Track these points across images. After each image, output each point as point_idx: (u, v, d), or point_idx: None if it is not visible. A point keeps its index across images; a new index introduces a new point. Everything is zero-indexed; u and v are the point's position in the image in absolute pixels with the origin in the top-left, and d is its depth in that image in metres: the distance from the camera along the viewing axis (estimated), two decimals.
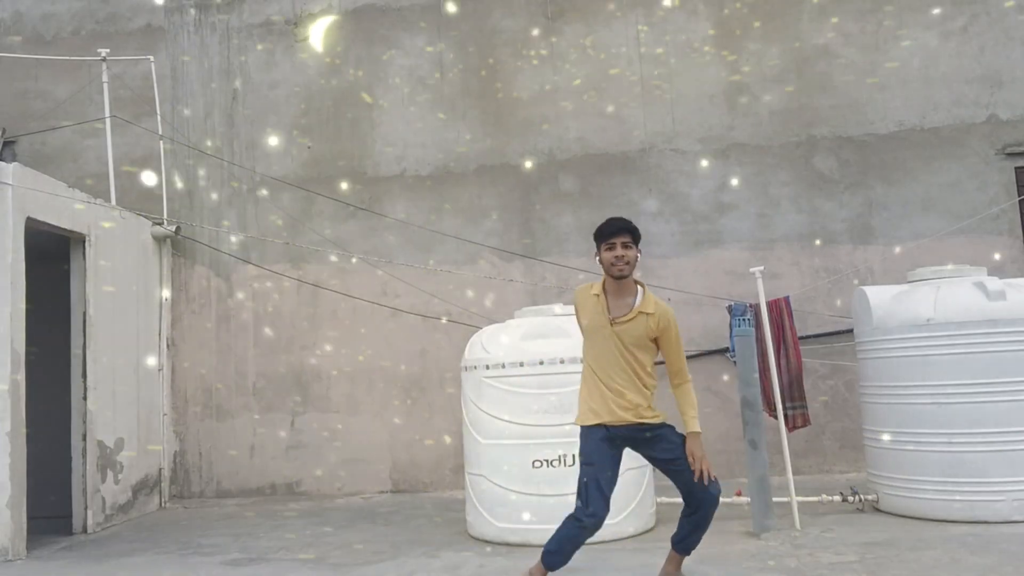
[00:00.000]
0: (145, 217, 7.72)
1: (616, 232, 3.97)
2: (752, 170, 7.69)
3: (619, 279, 3.99)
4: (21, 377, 5.76)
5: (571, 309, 4.42)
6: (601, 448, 3.96)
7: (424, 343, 7.81)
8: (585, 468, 3.97)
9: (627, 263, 3.95)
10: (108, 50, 7.83)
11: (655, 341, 4.01)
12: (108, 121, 7.62)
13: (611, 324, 3.97)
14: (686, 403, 4.03)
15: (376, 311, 7.85)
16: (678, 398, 4.07)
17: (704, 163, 7.73)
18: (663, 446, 4.00)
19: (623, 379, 3.97)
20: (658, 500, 5.78)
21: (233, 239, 8.11)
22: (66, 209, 6.37)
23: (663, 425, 4.02)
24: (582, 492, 3.95)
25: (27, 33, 8.63)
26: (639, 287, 4.05)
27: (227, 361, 7.99)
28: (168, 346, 7.92)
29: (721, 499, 5.72)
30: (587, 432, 4.03)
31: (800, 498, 5.56)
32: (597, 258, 4.05)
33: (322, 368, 7.89)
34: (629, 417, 3.94)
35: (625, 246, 3.95)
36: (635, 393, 3.96)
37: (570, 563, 4.64)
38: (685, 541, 4.14)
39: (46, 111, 8.35)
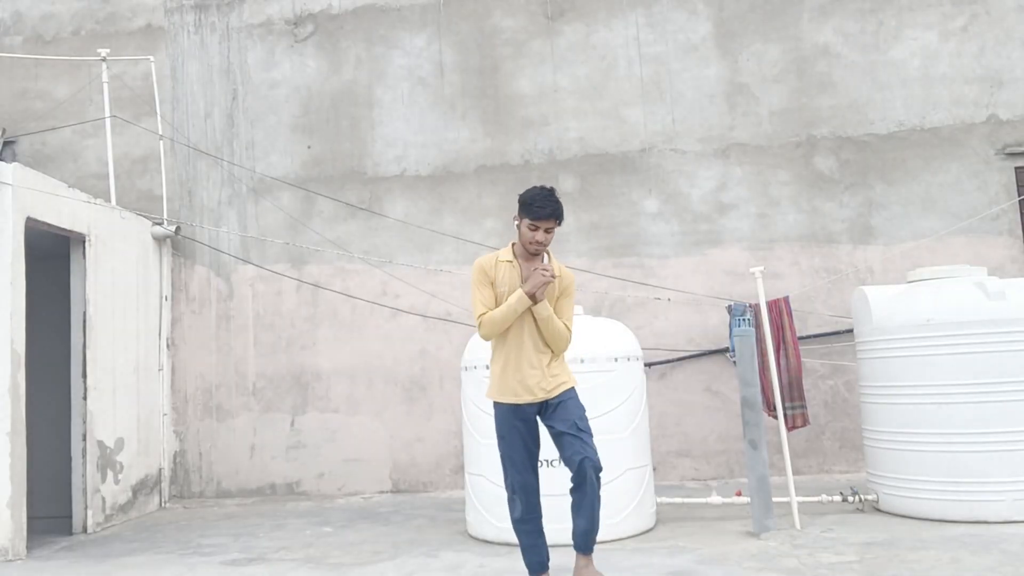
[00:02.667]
0: (145, 217, 7.72)
1: (547, 217, 4.01)
2: (752, 170, 7.69)
3: (534, 257, 4.10)
4: (21, 377, 5.77)
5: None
6: (511, 423, 4.09)
7: (424, 343, 7.81)
8: (499, 442, 4.14)
9: (544, 247, 4.07)
10: (108, 50, 7.84)
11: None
12: (108, 121, 7.63)
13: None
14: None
15: (376, 311, 7.85)
16: None
17: (704, 163, 7.74)
18: (562, 415, 4.05)
19: (536, 352, 4.05)
20: (658, 500, 5.78)
21: (233, 239, 8.11)
22: (66, 209, 6.37)
23: (569, 392, 4.10)
24: (502, 466, 4.15)
25: (27, 33, 8.63)
26: (545, 254, 4.15)
27: (227, 361, 7.99)
28: (168, 346, 7.92)
29: (721, 499, 5.80)
30: (497, 408, 4.14)
31: (800, 498, 5.56)
32: (516, 223, 4.07)
33: (322, 368, 7.89)
34: (540, 396, 4.05)
35: (548, 231, 4.04)
36: (545, 367, 4.04)
37: (569, 563, 4.64)
38: (575, 533, 4.05)
39: (46, 111, 8.35)
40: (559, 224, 4.07)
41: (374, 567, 4.97)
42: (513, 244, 4.17)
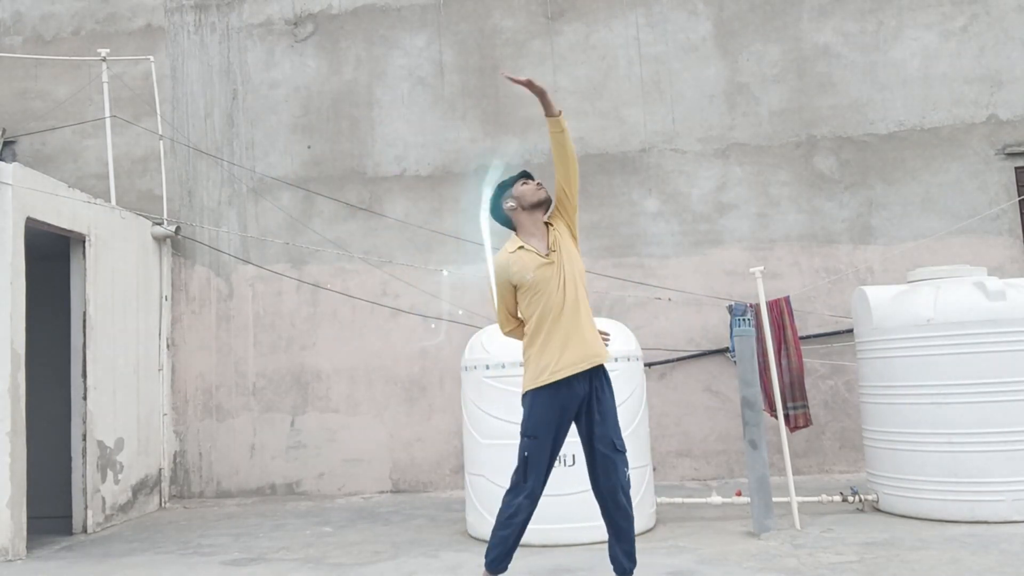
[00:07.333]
0: (145, 217, 7.72)
1: (526, 174, 4.14)
2: (752, 170, 7.69)
3: (542, 204, 4.02)
4: (21, 377, 5.77)
5: None
6: (550, 417, 3.77)
7: (424, 343, 7.81)
8: (526, 441, 3.80)
9: (541, 187, 4.05)
10: (108, 50, 7.84)
11: (571, 228, 4.04)
12: (108, 121, 7.63)
13: (550, 257, 3.90)
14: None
15: (376, 311, 7.85)
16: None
17: (704, 163, 7.74)
18: (600, 426, 3.80)
19: (582, 318, 3.85)
20: (658, 500, 5.78)
21: (233, 239, 8.11)
22: (66, 209, 6.37)
23: (608, 388, 3.90)
24: (521, 467, 3.80)
25: (27, 33, 8.63)
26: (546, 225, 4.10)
27: (227, 361, 7.99)
28: (168, 346, 7.92)
29: (721, 499, 5.80)
30: (535, 399, 3.81)
31: (800, 498, 5.57)
32: (510, 202, 4.04)
33: (322, 368, 7.89)
34: (592, 361, 3.80)
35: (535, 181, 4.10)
36: (591, 330, 3.87)
37: (569, 563, 4.65)
38: (613, 559, 3.86)
39: (46, 111, 8.35)
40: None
41: (374, 567, 4.97)
42: (514, 236, 4.07)
